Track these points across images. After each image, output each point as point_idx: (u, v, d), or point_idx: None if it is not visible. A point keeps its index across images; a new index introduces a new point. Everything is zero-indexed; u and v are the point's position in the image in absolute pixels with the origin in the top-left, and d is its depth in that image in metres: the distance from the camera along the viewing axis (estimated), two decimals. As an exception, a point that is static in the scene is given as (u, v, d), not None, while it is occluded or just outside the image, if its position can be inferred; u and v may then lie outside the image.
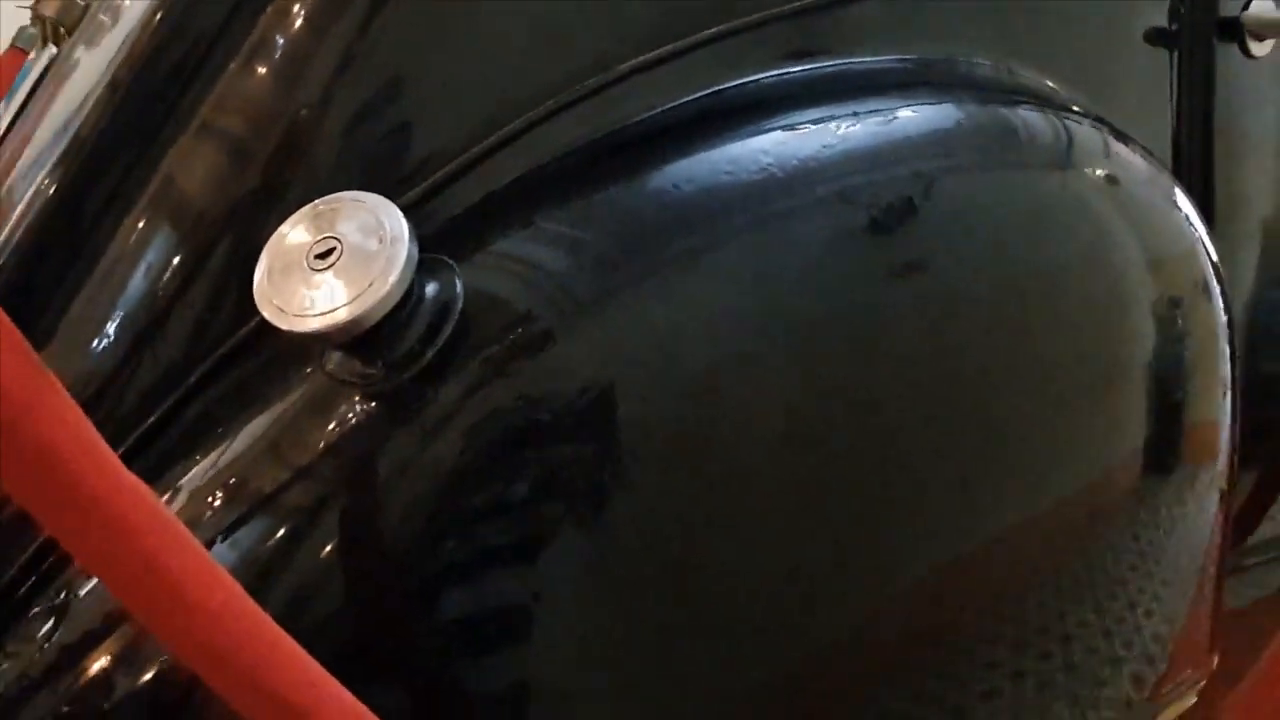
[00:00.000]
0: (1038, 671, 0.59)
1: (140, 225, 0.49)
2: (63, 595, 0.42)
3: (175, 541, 0.27)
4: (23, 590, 0.44)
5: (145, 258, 0.48)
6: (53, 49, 0.82)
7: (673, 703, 0.47)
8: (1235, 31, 0.75)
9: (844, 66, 0.59)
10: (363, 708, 0.32)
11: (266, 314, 0.40)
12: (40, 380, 0.26)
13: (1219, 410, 0.66)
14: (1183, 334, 0.64)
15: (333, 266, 0.40)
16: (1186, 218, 0.65)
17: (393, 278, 0.39)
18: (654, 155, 0.50)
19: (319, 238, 0.40)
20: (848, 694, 0.53)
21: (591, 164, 0.49)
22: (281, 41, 0.51)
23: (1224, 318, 0.66)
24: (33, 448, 0.26)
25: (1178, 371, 0.64)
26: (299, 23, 0.51)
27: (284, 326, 0.39)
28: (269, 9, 0.51)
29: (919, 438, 0.53)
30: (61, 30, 0.81)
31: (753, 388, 0.48)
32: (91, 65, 0.59)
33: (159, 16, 0.52)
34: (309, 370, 0.44)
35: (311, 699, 0.31)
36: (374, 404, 0.43)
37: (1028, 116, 0.61)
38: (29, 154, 0.60)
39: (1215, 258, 0.65)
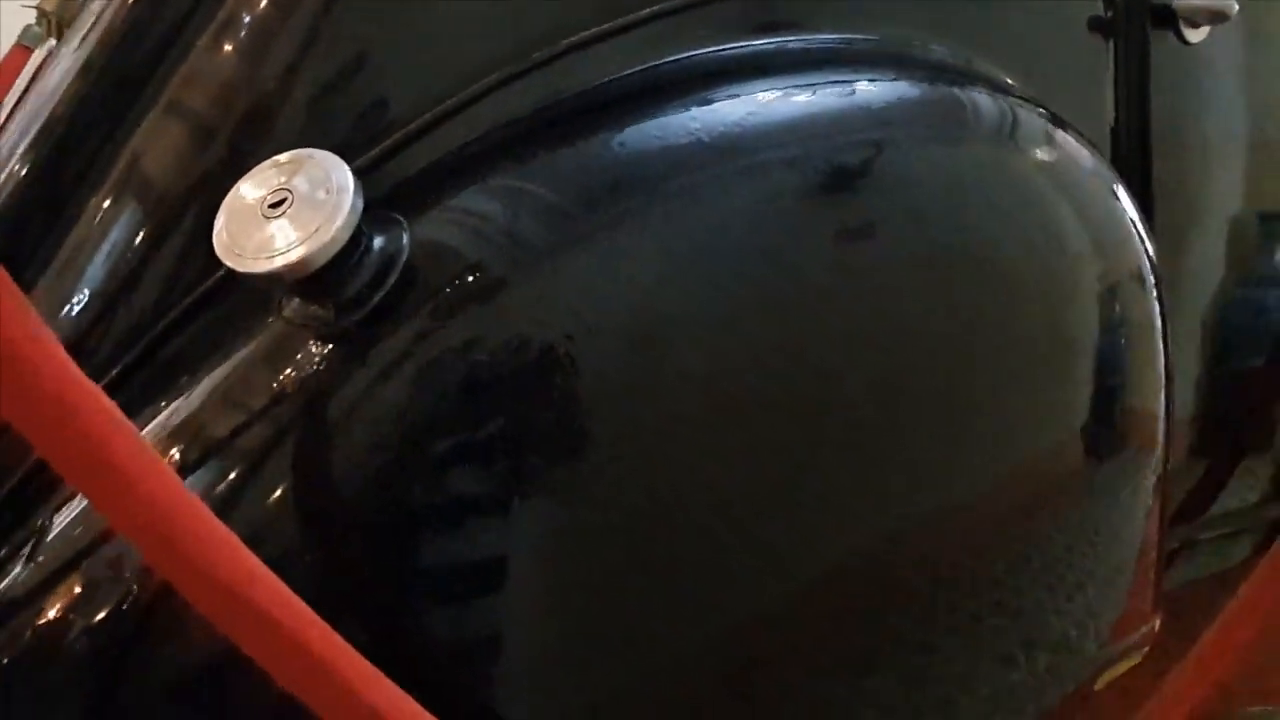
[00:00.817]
0: (992, 617, 0.62)
1: (107, 203, 0.52)
2: (42, 522, 0.45)
3: (117, 427, 0.29)
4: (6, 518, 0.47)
5: (112, 233, 0.51)
6: (53, 43, 0.85)
7: (624, 646, 0.50)
8: (1169, 19, 0.78)
9: (789, 44, 0.62)
10: (290, 593, 0.34)
11: (224, 259, 0.43)
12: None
13: (1152, 393, 0.69)
14: (1118, 319, 0.67)
15: (284, 214, 0.43)
16: (1124, 208, 0.67)
17: (338, 223, 0.42)
18: (600, 121, 0.53)
19: (272, 190, 0.44)
20: (808, 635, 0.56)
21: (539, 129, 0.53)
22: (248, 19, 0.54)
23: (1158, 307, 0.68)
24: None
25: (1112, 353, 0.66)
26: (265, 2, 0.54)
27: (240, 269, 0.42)
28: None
29: (854, 394, 0.56)
30: (63, 26, 0.84)
31: (693, 342, 0.51)
32: (72, 50, 0.63)
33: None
34: (269, 319, 0.48)
35: (244, 574, 0.33)
36: (325, 345, 0.46)
37: (975, 98, 0.64)
38: (10, 139, 0.63)
39: (1151, 249, 0.68)
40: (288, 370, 0.46)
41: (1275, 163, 0.86)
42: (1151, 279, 0.68)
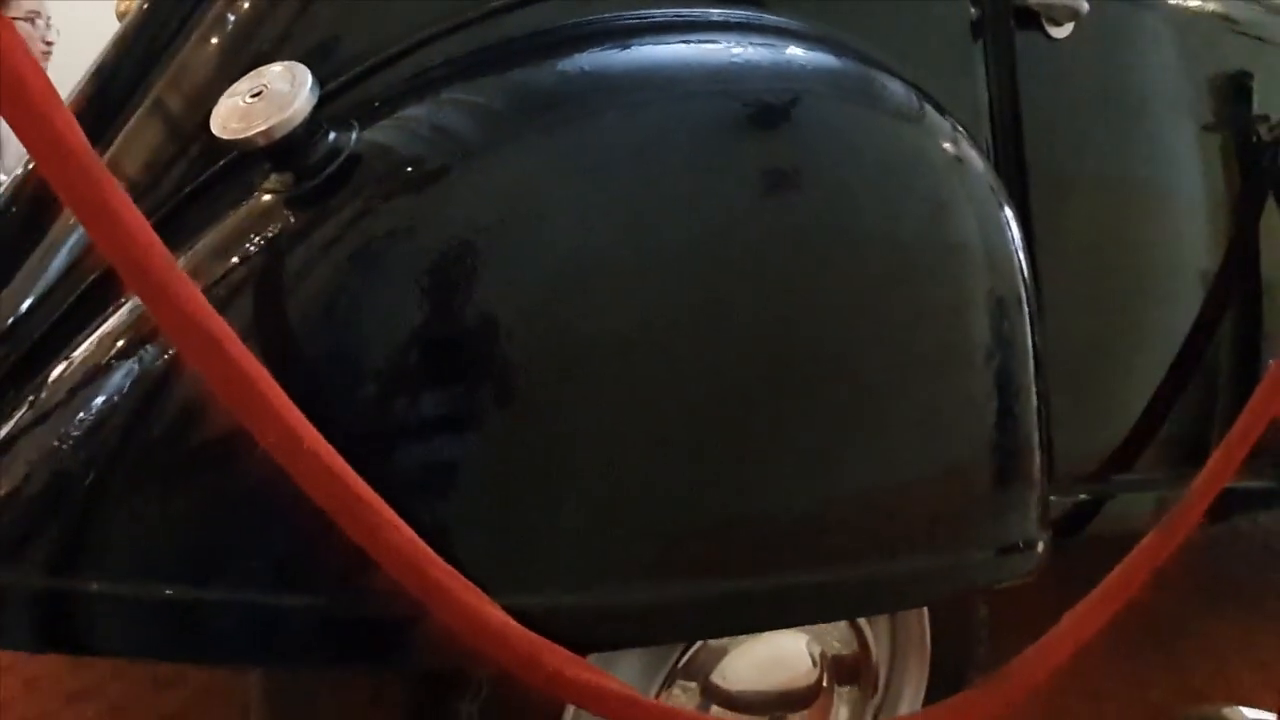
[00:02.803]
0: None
1: (138, 121, 0.70)
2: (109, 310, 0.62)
3: (159, 251, 0.46)
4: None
5: (146, 137, 0.69)
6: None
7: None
8: (1032, 18, 0.92)
9: (709, 12, 0.78)
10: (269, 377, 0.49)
11: (216, 132, 0.59)
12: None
13: (1015, 312, 0.79)
14: (977, 238, 0.79)
15: (259, 99, 0.59)
16: (987, 173, 0.80)
17: (297, 104, 0.59)
18: (532, 56, 0.69)
19: (253, 86, 0.60)
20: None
21: (475, 63, 0.69)
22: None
23: (1026, 276, 0.80)
24: (38, 111, 0.44)
25: (975, 262, 0.78)
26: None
27: (226, 137, 0.59)
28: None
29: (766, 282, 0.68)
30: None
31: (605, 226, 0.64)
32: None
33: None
34: (251, 195, 0.63)
35: (218, 328, 0.48)
36: (288, 207, 0.61)
37: (878, 75, 0.78)
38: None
39: (1004, 200, 0.80)
40: (261, 225, 0.61)
41: (1145, 148, 0.98)
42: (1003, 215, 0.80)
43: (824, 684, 0.87)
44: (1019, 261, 0.79)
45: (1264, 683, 1.28)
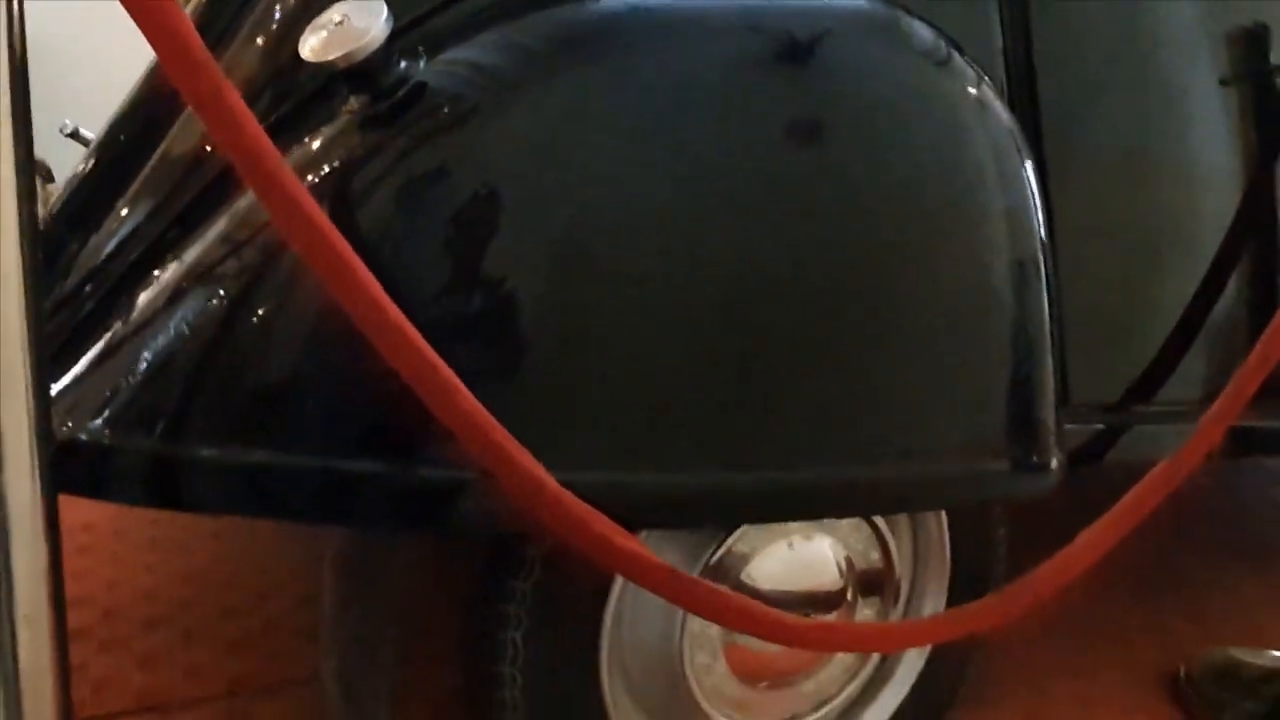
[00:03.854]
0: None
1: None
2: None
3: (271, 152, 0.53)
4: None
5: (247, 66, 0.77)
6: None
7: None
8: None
9: None
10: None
11: (304, 56, 0.67)
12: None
13: (1029, 240, 0.85)
14: (997, 171, 0.85)
15: (340, 27, 0.67)
16: (999, 107, 0.86)
17: (374, 32, 0.66)
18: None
19: (336, 17, 0.68)
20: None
21: (524, 6, 0.76)
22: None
23: (1040, 213, 0.85)
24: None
25: (991, 189, 0.83)
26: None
27: (312, 59, 0.66)
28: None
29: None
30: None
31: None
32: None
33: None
34: (334, 116, 0.71)
35: (317, 214, 0.55)
36: (366, 126, 0.69)
37: (905, 17, 0.84)
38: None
39: (1017, 132, 0.85)
40: (342, 140, 0.69)
41: (1160, 97, 1.03)
42: (1019, 157, 0.85)
43: (848, 596, 0.93)
44: (1034, 199, 0.85)
45: (1287, 631, 1.32)
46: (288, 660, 1.27)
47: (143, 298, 0.68)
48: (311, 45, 0.67)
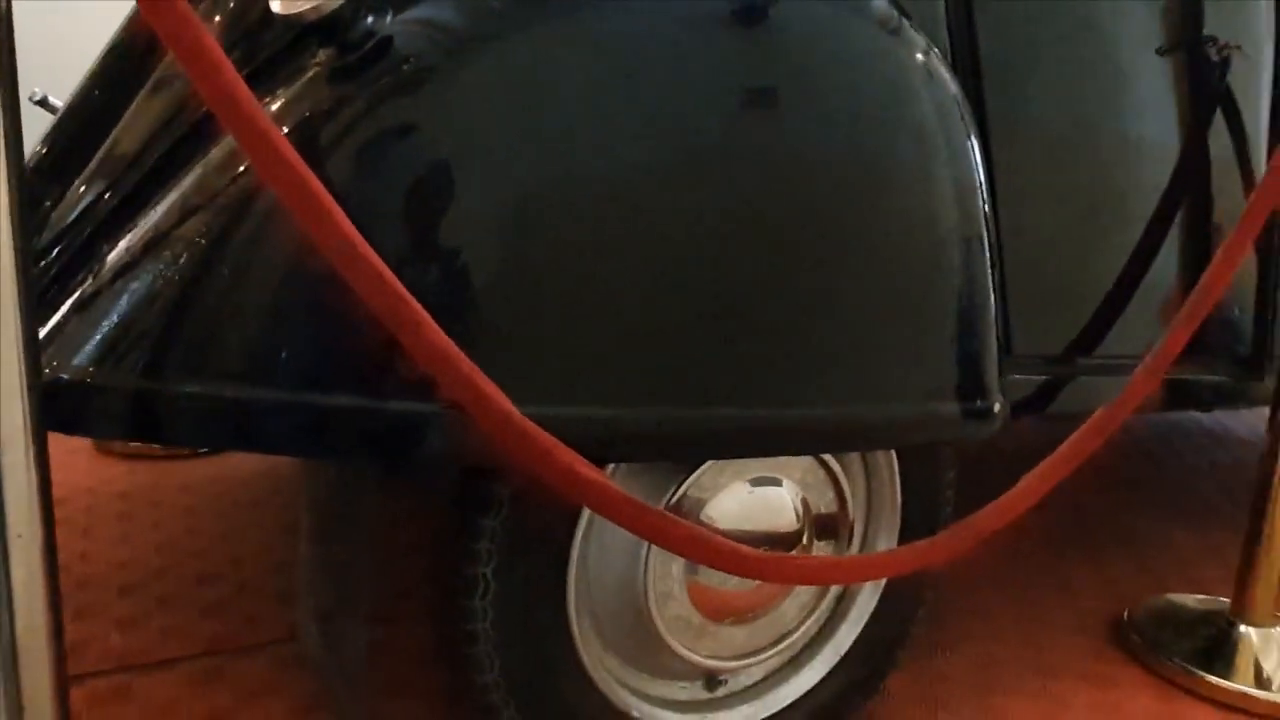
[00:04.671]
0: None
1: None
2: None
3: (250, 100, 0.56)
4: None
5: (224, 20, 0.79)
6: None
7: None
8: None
9: None
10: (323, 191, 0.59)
11: (274, 9, 0.70)
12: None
13: (969, 187, 0.90)
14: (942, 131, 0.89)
15: (311, -17, 0.70)
16: (945, 74, 0.90)
17: (343, -13, 0.69)
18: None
19: (305, -27, 0.71)
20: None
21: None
22: None
23: (982, 173, 0.90)
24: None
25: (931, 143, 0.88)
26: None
27: (282, 12, 0.69)
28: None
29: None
30: None
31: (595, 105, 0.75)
32: None
33: None
34: (306, 66, 0.74)
35: (293, 155, 0.58)
36: (334, 78, 0.72)
37: None
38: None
39: (959, 96, 0.90)
40: (313, 90, 0.72)
41: (1101, 65, 1.08)
42: (958, 114, 0.90)
43: (804, 539, 0.98)
44: (976, 160, 0.90)
45: (1222, 579, 1.38)
46: (262, 623, 1.30)
47: (121, 244, 0.70)
48: (282, 3, 0.70)
